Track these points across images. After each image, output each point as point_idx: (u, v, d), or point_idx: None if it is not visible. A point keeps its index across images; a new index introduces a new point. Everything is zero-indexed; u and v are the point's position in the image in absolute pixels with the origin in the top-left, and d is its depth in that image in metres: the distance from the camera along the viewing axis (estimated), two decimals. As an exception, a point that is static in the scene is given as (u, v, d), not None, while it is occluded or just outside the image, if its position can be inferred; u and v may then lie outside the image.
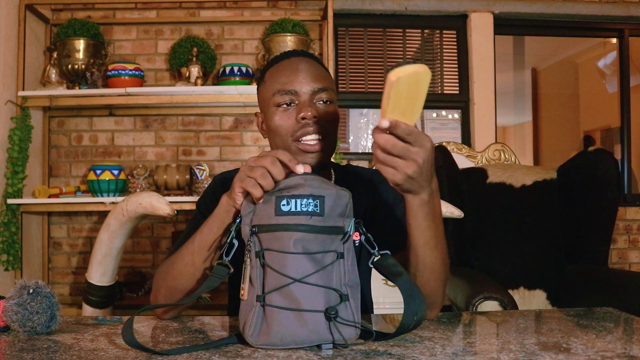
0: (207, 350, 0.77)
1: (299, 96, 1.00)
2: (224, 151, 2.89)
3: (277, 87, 1.01)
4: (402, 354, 0.74)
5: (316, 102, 1.01)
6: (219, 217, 0.90)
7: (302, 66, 1.02)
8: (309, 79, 1.01)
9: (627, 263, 3.11)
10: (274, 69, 1.05)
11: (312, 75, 1.02)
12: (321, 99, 1.01)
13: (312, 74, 1.02)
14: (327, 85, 1.02)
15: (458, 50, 3.09)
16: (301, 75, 1.01)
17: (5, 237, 2.44)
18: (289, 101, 1.01)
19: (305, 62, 1.03)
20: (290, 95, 1.00)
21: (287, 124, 1.00)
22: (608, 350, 0.76)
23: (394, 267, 0.81)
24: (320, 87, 1.01)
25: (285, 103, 1.01)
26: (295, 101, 1.01)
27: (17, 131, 2.48)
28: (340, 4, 2.91)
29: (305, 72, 1.02)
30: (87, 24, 2.60)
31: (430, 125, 3.14)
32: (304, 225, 0.78)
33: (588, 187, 2.22)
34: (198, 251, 0.92)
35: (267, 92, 1.04)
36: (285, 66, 1.03)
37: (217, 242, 0.91)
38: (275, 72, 1.04)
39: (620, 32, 3.19)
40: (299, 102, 1.00)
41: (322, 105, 1.02)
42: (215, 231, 0.91)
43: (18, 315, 0.85)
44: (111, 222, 2.03)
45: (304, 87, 1.00)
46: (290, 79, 1.01)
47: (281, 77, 1.02)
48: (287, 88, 1.00)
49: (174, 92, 2.54)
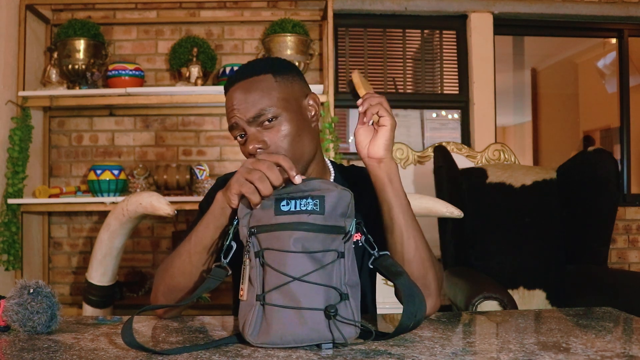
0: (207, 350, 0.77)
1: (241, 128, 1.00)
2: (224, 151, 2.89)
3: (228, 122, 1.03)
4: (402, 354, 0.74)
5: (261, 125, 0.99)
6: (214, 215, 0.91)
7: (234, 98, 1.00)
8: (243, 110, 0.98)
9: (626, 263, 3.11)
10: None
11: (244, 104, 0.98)
12: (262, 121, 0.98)
13: (244, 102, 0.98)
14: (262, 108, 0.98)
15: (458, 51, 3.09)
16: (235, 108, 0.99)
17: (6, 237, 2.44)
18: (237, 135, 1.01)
19: (238, 90, 1.00)
20: (237, 129, 1.01)
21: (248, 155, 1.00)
22: (607, 350, 0.76)
23: (393, 267, 0.82)
24: (254, 114, 0.98)
25: (237, 136, 1.02)
26: (243, 132, 1.00)
27: (17, 131, 2.48)
28: (340, 4, 2.91)
29: (238, 102, 0.99)
30: (87, 24, 2.60)
31: (430, 125, 3.15)
32: (304, 224, 0.78)
33: (588, 187, 2.22)
34: (195, 250, 0.93)
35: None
36: (227, 97, 1.03)
37: (214, 240, 0.92)
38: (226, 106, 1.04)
39: (619, 32, 3.19)
40: (245, 133, 1.00)
41: (267, 128, 0.98)
42: (212, 229, 0.92)
43: (18, 315, 0.85)
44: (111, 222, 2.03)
45: (240, 120, 0.99)
46: (229, 115, 1.01)
47: (226, 109, 1.03)
48: (230, 123, 1.01)
49: (174, 92, 2.54)
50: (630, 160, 3.23)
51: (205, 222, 0.92)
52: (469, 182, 2.34)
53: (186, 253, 0.94)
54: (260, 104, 0.98)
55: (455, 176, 2.31)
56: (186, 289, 0.95)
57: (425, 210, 1.93)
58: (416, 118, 3.16)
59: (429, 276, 0.95)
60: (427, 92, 3.13)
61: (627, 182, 3.23)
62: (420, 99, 3.13)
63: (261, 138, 0.98)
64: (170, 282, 0.96)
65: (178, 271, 0.95)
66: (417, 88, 3.14)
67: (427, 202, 1.95)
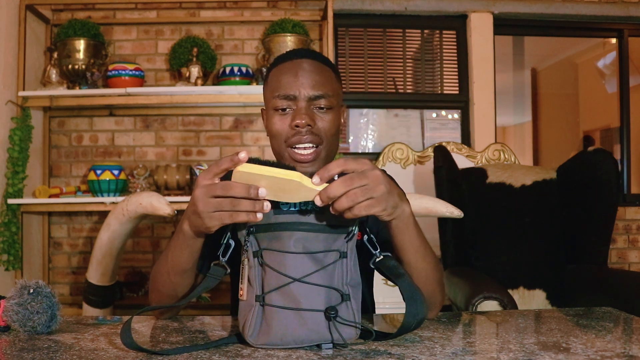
0: (207, 350, 0.77)
1: (296, 102, 0.98)
2: (224, 151, 2.89)
3: (276, 91, 0.99)
4: (402, 354, 0.74)
5: (314, 108, 0.99)
6: (185, 238, 0.84)
7: (302, 70, 0.99)
8: (308, 85, 0.98)
9: (626, 263, 3.11)
10: (277, 69, 1.02)
11: (311, 80, 0.98)
12: (319, 105, 0.98)
13: (312, 79, 0.98)
14: (326, 92, 0.99)
15: (458, 51, 3.09)
16: (300, 80, 0.98)
17: (6, 237, 2.44)
18: (286, 106, 0.98)
19: (307, 65, 0.99)
20: (288, 100, 0.98)
21: (282, 129, 0.98)
22: (607, 349, 0.76)
23: (395, 269, 0.81)
24: (318, 94, 0.98)
25: (282, 108, 0.99)
26: (293, 106, 0.98)
27: (17, 131, 2.48)
28: (340, 4, 2.91)
29: (305, 77, 0.98)
30: (87, 24, 2.60)
31: (430, 125, 3.14)
32: (305, 223, 0.77)
33: (588, 187, 2.22)
34: (173, 271, 0.90)
35: (268, 94, 1.03)
36: (287, 68, 1.00)
37: (192, 262, 0.89)
38: (277, 74, 1.01)
39: (619, 32, 3.19)
40: (296, 107, 0.98)
41: (320, 112, 0.99)
42: (186, 253, 0.87)
43: (18, 315, 0.85)
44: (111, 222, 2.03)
45: (301, 93, 0.97)
46: (289, 83, 0.98)
47: (281, 80, 0.99)
48: (284, 92, 0.98)
49: (174, 92, 2.54)
50: (630, 160, 3.23)
51: (178, 245, 0.86)
52: (469, 182, 2.34)
53: (166, 274, 0.91)
54: (325, 88, 0.99)
55: (455, 176, 2.31)
56: (176, 299, 0.94)
57: (425, 210, 1.93)
58: (416, 118, 3.16)
59: (436, 295, 0.94)
60: (427, 92, 3.13)
61: (627, 182, 3.23)
62: (420, 99, 3.13)
63: (314, 117, 0.98)
64: (161, 291, 0.94)
65: (163, 287, 0.93)
66: (417, 88, 3.14)
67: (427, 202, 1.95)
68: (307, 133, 0.97)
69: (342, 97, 1.08)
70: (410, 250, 0.86)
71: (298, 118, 0.96)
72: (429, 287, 0.91)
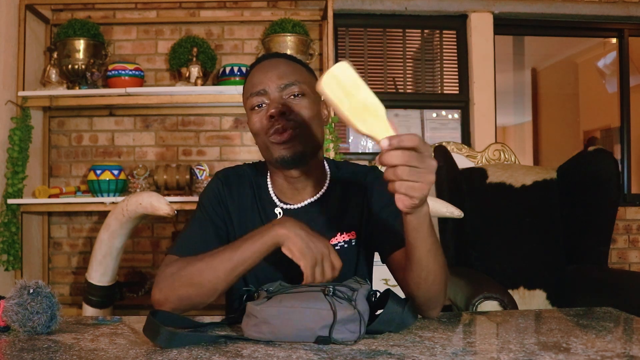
0: (207, 350, 0.77)
1: (268, 95, 1.02)
2: (224, 151, 2.89)
3: (249, 90, 1.04)
4: (402, 354, 0.74)
5: (287, 97, 1.02)
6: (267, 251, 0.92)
7: (270, 66, 1.04)
8: (276, 77, 1.02)
9: (626, 263, 3.11)
10: (249, 75, 1.08)
11: (279, 72, 1.03)
12: (292, 93, 1.02)
13: (279, 70, 1.03)
14: (296, 79, 1.03)
15: (458, 50, 3.09)
16: (268, 75, 1.02)
17: (6, 237, 2.44)
18: (260, 102, 1.03)
19: (274, 62, 1.05)
20: (260, 96, 1.02)
21: (261, 124, 1.02)
22: (608, 350, 0.76)
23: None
24: (288, 82, 1.02)
25: (257, 105, 1.03)
26: (266, 100, 1.02)
27: (17, 131, 2.48)
28: (340, 4, 2.91)
29: (272, 71, 1.03)
30: (87, 24, 2.60)
31: (430, 125, 3.14)
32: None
33: (588, 187, 2.22)
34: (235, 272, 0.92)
35: (244, 96, 1.07)
36: (256, 70, 1.06)
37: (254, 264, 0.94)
38: (249, 78, 1.07)
39: (620, 32, 3.19)
40: (269, 100, 1.02)
41: (295, 100, 1.02)
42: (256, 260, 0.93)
43: (18, 315, 0.85)
44: (111, 222, 2.03)
45: (271, 86, 1.02)
46: (258, 80, 1.03)
47: (252, 80, 1.05)
48: (255, 89, 1.03)
49: (174, 92, 2.54)
50: (630, 160, 3.23)
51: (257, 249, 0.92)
52: (469, 182, 2.34)
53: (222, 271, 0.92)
54: (293, 77, 1.03)
55: (455, 176, 2.31)
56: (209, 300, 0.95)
57: (425, 210, 1.93)
58: (416, 118, 3.16)
59: (439, 295, 0.95)
60: (427, 92, 3.13)
61: (627, 182, 3.23)
62: (420, 99, 3.13)
63: (285, 103, 1.01)
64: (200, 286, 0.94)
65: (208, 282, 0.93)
66: (417, 88, 3.14)
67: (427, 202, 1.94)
68: (283, 120, 1.00)
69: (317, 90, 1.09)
70: (422, 249, 0.86)
71: (271, 108, 1.00)
72: (435, 287, 0.91)
